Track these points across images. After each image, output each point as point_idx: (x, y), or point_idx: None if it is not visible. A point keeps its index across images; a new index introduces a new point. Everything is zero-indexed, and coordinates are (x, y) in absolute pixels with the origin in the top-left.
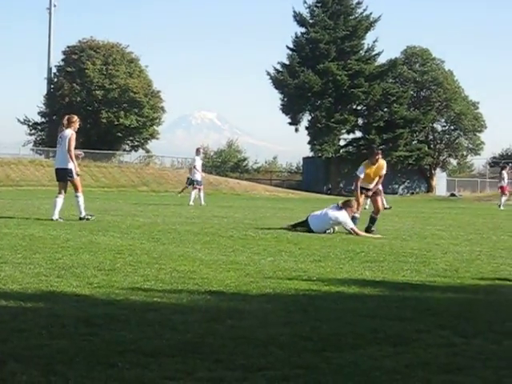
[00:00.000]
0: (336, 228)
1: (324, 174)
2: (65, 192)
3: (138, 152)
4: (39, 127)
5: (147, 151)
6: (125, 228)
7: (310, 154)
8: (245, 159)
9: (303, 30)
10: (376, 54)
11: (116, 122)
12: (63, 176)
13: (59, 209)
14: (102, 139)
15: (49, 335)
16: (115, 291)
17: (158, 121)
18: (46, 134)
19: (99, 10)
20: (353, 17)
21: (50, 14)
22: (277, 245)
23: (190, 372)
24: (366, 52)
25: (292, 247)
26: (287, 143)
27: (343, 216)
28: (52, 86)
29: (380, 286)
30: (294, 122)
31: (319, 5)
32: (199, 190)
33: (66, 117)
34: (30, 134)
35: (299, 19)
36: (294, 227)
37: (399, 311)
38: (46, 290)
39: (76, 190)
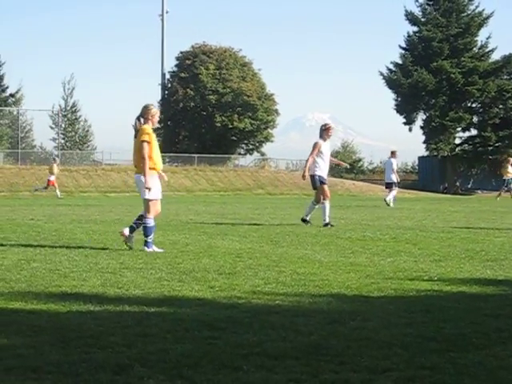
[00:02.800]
0: None
1: (440, 173)
2: (324, 198)
3: (253, 155)
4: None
5: (262, 154)
6: (243, 231)
7: (426, 154)
8: (360, 160)
9: (415, 28)
10: (490, 51)
11: (230, 126)
12: (312, 183)
13: (327, 213)
14: (216, 143)
15: (173, 339)
16: (237, 294)
17: (272, 124)
18: (161, 139)
19: (211, 15)
20: (465, 14)
21: (162, 20)
22: (395, 245)
23: (315, 374)
24: (479, 49)
25: (411, 247)
26: (401, 143)
27: None
28: (166, 92)
29: (502, 284)
30: (409, 121)
31: (431, 3)
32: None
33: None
34: None
35: (411, 18)
36: None
37: None
38: (169, 295)
39: (324, 197)
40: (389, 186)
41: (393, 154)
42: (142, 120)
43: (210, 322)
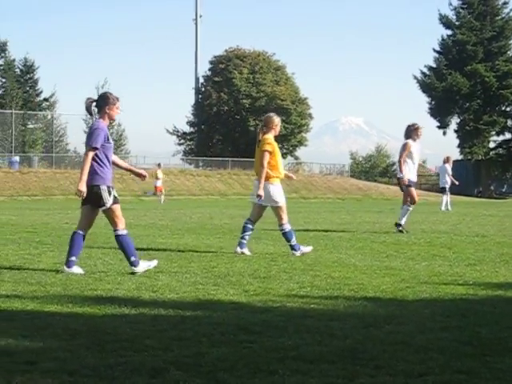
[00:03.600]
0: None
1: (474, 176)
2: (407, 201)
3: (287, 159)
4: (188, 137)
5: (296, 158)
6: (277, 235)
7: (460, 157)
8: (393, 164)
9: (449, 32)
10: None
11: None
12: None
13: (406, 216)
14: (250, 147)
15: (209, 343)
16: (272, 298)
17: (305, 128)
18: (195, 143)
19: (245, 19)
20: (499, 17)
21: (196, 24)
22: (430, 249)
23: (351, 378)
24: None
25: (446, 251)
26: (435, 147)
27: None
28: (200, 96)
29: None
30: (443, 125)
31: (465, 6)
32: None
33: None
34: (179, 144)
35: (445, 21)
36: None
37: None
38: (204, 299)
39: (411, 201)
40: (443, 190)
41: (447, 159)
42: (264, 129)
43: (245, 326)
